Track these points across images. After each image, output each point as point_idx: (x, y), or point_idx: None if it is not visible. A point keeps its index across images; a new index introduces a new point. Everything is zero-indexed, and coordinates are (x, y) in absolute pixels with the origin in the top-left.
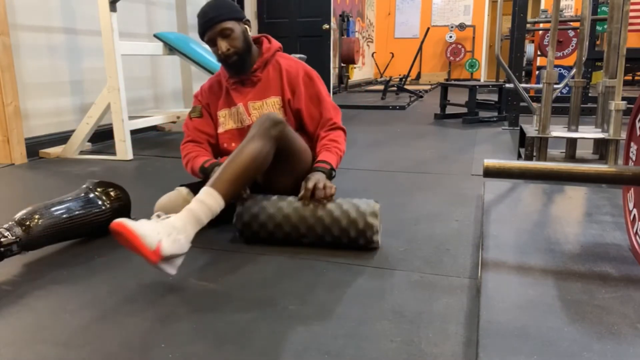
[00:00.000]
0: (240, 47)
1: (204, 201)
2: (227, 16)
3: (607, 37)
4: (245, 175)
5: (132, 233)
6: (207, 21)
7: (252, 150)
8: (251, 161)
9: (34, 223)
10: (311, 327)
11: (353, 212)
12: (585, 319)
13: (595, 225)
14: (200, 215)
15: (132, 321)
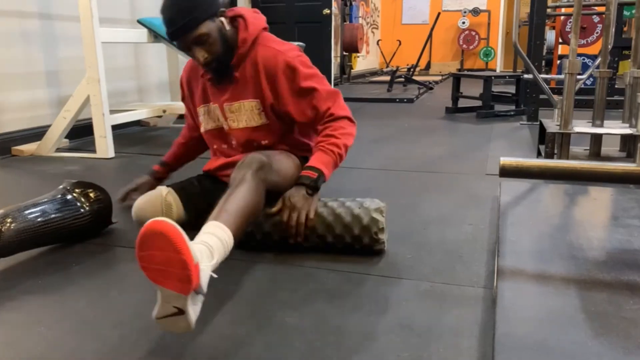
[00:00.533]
0: (220, 52)
1: (225, 241)
2: (199, 19)
3: (635, 23)
4: (250, 215)
5: (180, 234)
6: (176, 30)
7: (250, 190)
8: (253, 201)
9: (5, 227)
10: (310, 341)
11: (356, 208)
12: (611, 333)
13: (622, 230)
14: (218, 257)
15: (114, 334)
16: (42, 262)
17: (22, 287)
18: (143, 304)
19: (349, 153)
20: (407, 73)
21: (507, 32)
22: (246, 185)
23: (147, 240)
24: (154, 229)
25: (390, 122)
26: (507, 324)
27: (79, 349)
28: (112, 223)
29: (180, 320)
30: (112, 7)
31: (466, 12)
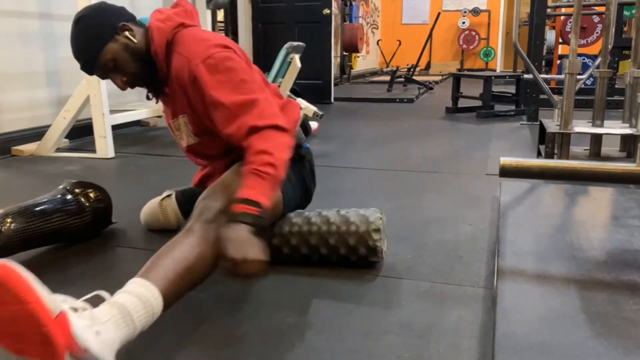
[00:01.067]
0: (136, 69)
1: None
2: (96, 49)
3: (635, 23)
4: (191, 275)
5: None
6: (84, 68)
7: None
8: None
9: (5, 227)
10: (310, 342)
11: (352, 239)
12: (612, 333)
13: (622, 230)
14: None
15: None
16: (42, 262)
17: None
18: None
19: (349, 153)
20: (407, 73)
21: (507, 32)
22: (190, 239)
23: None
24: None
25: (390, 122)
26: (508, 324)
27: None
28: (112, 223)
29: None
30: None
31: (466, 12)
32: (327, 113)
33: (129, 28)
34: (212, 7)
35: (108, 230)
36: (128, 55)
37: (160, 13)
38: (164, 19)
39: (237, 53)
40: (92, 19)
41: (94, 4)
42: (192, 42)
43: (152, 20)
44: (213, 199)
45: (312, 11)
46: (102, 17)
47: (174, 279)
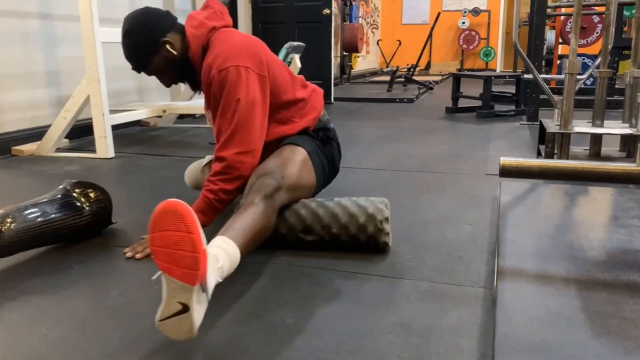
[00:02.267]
0: (176, 76)
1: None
2: (143, 63)
3: (635, 23)
4: (259, 237)
5: (192, 215)
6: (134, 69)
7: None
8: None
9: (5, 227)
10: (310, 341)
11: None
12: (612, 333)
13: (622, 230)
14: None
15: (114, 334)
16: (42, 262)
17: (22, 287)
18: (143, 304)
19: (349, 153)
20: (407, 73)
21: (507, 32)
22: (254, 208)
23: (160, 219)
24: (167, 207)
25: (390, 122)
26: (507, 325)
27: (79, 349)
28: (112, 223)
29: (184, 321)
30: (112, 7)
31: (466, 12)
32: (327, 113)
33: (170, 42)
34: None
35: (108, 230)
36: (170, 65)
37: (193, 19)
38: (197, 26)
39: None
40: (138, 34)
41: (140, 13)
42: (219, 49)
43: (187, 27)
44: (268, 177)
45: (312, 11)
46: (147, 32)
47: (246, 241)
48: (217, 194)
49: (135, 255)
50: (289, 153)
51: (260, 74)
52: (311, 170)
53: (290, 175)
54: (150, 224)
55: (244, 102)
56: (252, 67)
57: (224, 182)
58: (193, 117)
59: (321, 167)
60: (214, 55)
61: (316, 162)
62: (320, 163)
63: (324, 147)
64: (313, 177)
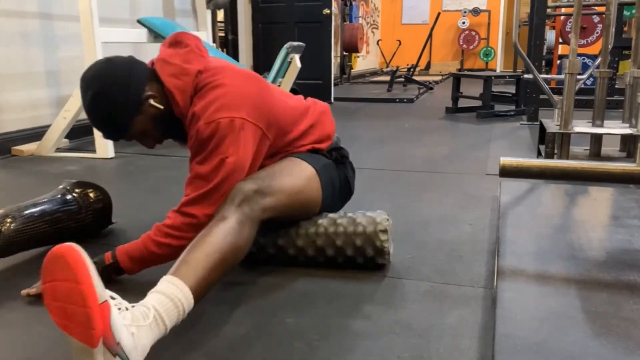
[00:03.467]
0: (164, 132)
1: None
2: (120, 128)
3: (635, 23)
4: (222, 265)
5: (83, 262)
6: (106, 138)
7: (225, 233)
8: (227, 247)
9: (5, 227)
10: (310, 342)
11: (359, 240)
12: (612, 333)
13: (622, 230)
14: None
15: None
16: (42, 262)
17: (22, 287)
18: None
19: (350, 153)
20: (407, 73)
21: (507, 32)
22: (221, 227)
23: (49, 266)
24: (55, 253)
25: (390, 122)
26: (507, 325)
27: None
28: (112, 223)
29: None
30: (112, 7)
31: (466, 12)
32: None
33: (153, 95)
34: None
35: (108, 230)
36: (155, 123)
37: (168, 65)
38: (177, 74)
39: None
40: (111, 97)
41: (103, 70)
42: (210, 95)
43: (165, 77)
44: (246, 182)
45: (312, 11)
46: (123, 92)
47: (204, 274)
48: (162, 248)
49: (30, 292)
50: (289, 163)
51: (256, 125)
52: (318, 188)
53: (282, 183)
54: (41, 272)
55: (231, 161)
56: (249, 118)
57: (177, 239)
58: None
59: (331, 187)
60: (205, 103)
61: (326, 180)
62: (330, 183)
63: (337, 167)
64: (318, 196)
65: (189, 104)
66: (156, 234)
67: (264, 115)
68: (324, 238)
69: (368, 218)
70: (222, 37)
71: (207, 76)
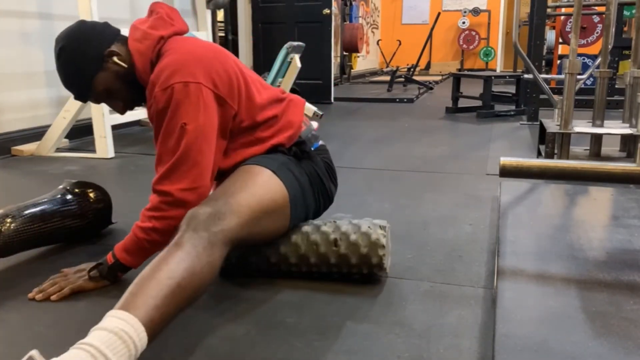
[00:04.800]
0: (130, 94)
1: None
2: (84, 83)
3: (635, 23)
4: (179, 298)
5: None
6: (77, 98)
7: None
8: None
9: (5, 227)
10: (310, 341)
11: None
12: (612, 333)
13: (622, 230)
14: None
15: None
16: (42, 262)
17: (22, 287)
18: None
19: (349, 153)
20: (407, 73)
21: (507, 32)
22: (175, 253)
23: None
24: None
25: (390, 122)
26: (508, 325)
27: None
28: (112, 223)
29: None
30: (112, 7)
31: (466, 12)
32: (327, 113)
33: (117, 52)
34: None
35: (108, 230)
36: (121, 82)
37: (135, 30)
38: (140, 38)
39: (205, 88)
40: (75, 50)
41: (73, 28)
42: (165, 61)
43: (130, 41)
44: (200, 206)
45: (312, 11)
46: (86, 45)
47: (157, 303)
48: (148, 233)
49: (51, 298)
50: (241, 175)
51: (216, 92)
52: (280, 189)
53: (239, 198)
54: None
55: (191, 127)
56: (205, 82)
57: (159, 220)
58: None
59: (297, 184)
60: (159, 70)
61: (286, 177)
62: (294, 179)
63: (301, 162)
64: (284, 196)
65: (149, 70)
66: (142, 220)
67: (224, 83)
68: (316, 257)
69: (362, 235)
70: (222, 37)
71: (170, 43)
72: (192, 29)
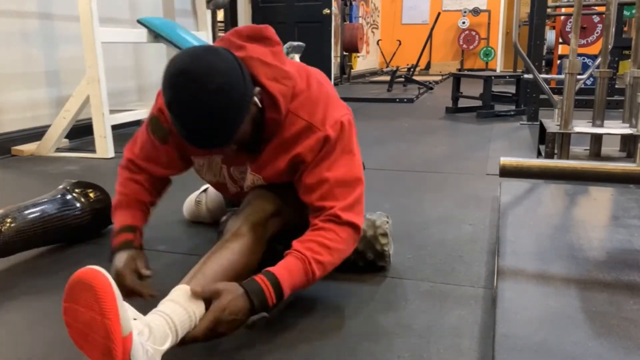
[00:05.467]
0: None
1: (193, 311)
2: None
3: (635, 23)
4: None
5: (111, 292)
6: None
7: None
8: (242, 263)
9: (5, 227)
10: (311, 341)
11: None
12: (612, 333)
13: (622, 230)
14: (180, 330)
15: None
16: (42, 262)
17: (22, 287)
18: (143, 304)
19: None
20: (407, 73)
21: (507, 32)
22: (238, 243)
23: (74, 291)
24: (82, 279)
25: (390, 122)
26: (508, 325)
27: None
28: (112, 223)
29: None
30: (112, 7)
31: (466, 12)
32: None
33: (257, 94)
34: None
35: (108, 230)
36: (252, 125)
37: (266, 66)
38: (280, 77)
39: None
40: (233, 89)
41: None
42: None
43: (266, 81)
44: (264, 201)
45: (312, 11)
46: (242, 85)
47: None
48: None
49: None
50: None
51: None
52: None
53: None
54: (65, 290)
55: (359, 157)
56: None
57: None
58: None
59: None
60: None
61: None
62: None
63: None
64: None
65: (279, 120)
66: (319, 252)
67: None
68: None
69: (367, 221)
70: None
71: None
72: (192, 29)
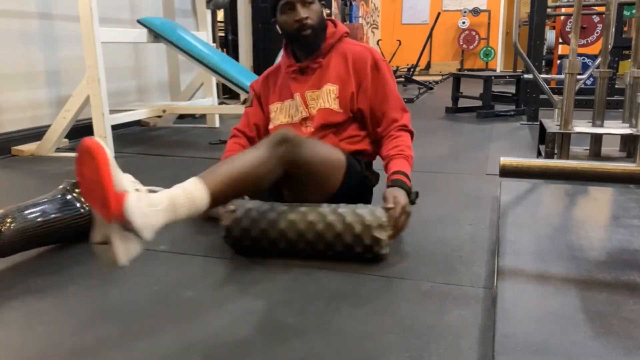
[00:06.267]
0: (316, 22)
1: (190, 192)
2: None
3: (635, 23)
4: (241, 182)
5: (105, 157)
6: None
7: (255, 157)
8: (251, 168)
9: (5, 227)
10: (311, 342)
11: (358, 226)
12: (612, 333)
13: (622, 230)
14: (178, 207)
15: (114, 334)
16: (42, 262)
17: (22, 287)
18: (143, 303)
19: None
20: (407, 73)
21: (507, 32)
22: (255, 153)
23: (82, 156)
24: (84, 146)
25: None
26: (508, 325)
27: (79, 348)
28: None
29: (108, 251)
30: (112, 7)
31: (466, 12)
32: None
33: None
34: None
35: None
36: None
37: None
38: (340, 25)
39: None
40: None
41: None
42: (361, 45)
43: (337, 20)
44: (292, 131)
45: None
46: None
47: (224, 187)
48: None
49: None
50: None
51: None
52: (341, 169)
53: (315, 143)
54: (76, 155)
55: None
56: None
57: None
58: (193, 117)
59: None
60: (364, 48)
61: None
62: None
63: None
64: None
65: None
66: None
67: None
68: (324, 224)
69: (366, 209)
70: (222, 37)
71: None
72: (192, 29)
